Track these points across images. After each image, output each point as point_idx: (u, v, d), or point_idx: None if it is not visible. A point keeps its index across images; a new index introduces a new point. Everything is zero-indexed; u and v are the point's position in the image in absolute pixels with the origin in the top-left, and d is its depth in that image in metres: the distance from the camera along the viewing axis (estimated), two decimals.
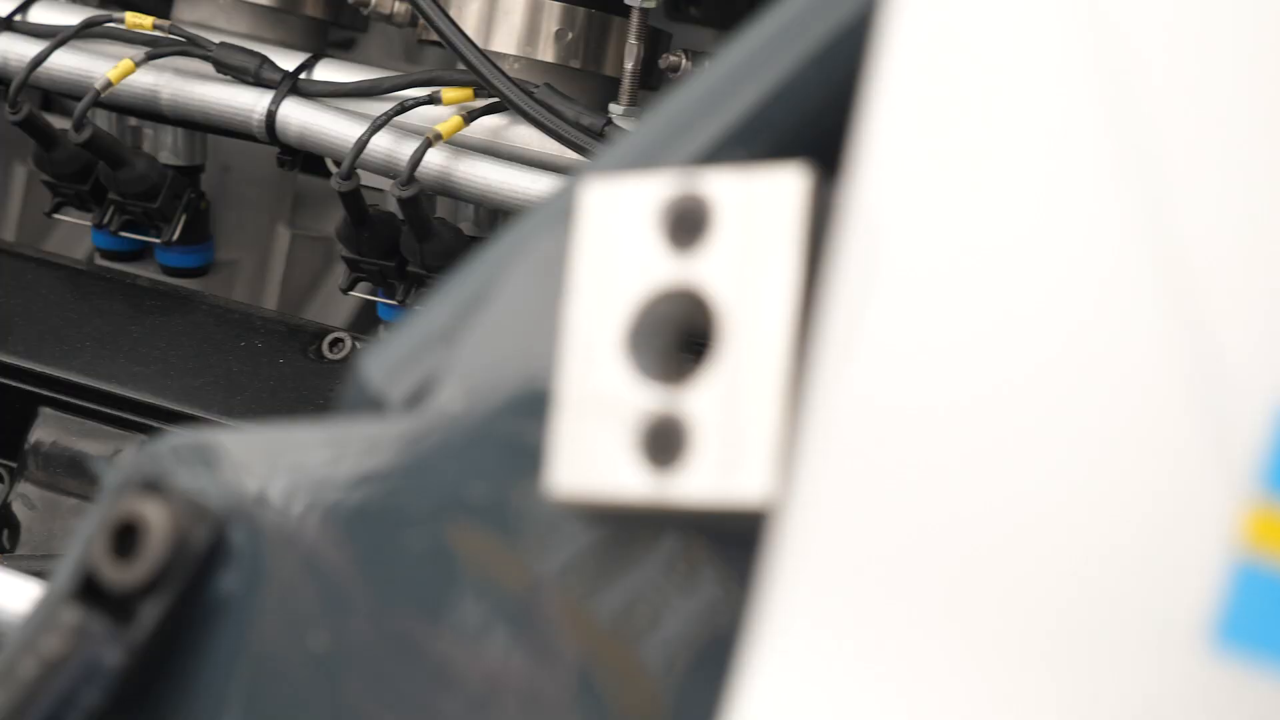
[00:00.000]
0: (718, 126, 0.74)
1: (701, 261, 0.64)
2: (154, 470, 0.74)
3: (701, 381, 0.63)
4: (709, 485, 0.62)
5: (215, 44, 1.46)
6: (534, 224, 0.74)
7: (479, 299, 0.73)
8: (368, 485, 0.72)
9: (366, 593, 0.71)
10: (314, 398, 1.33)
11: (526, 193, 1.36)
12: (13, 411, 1.38)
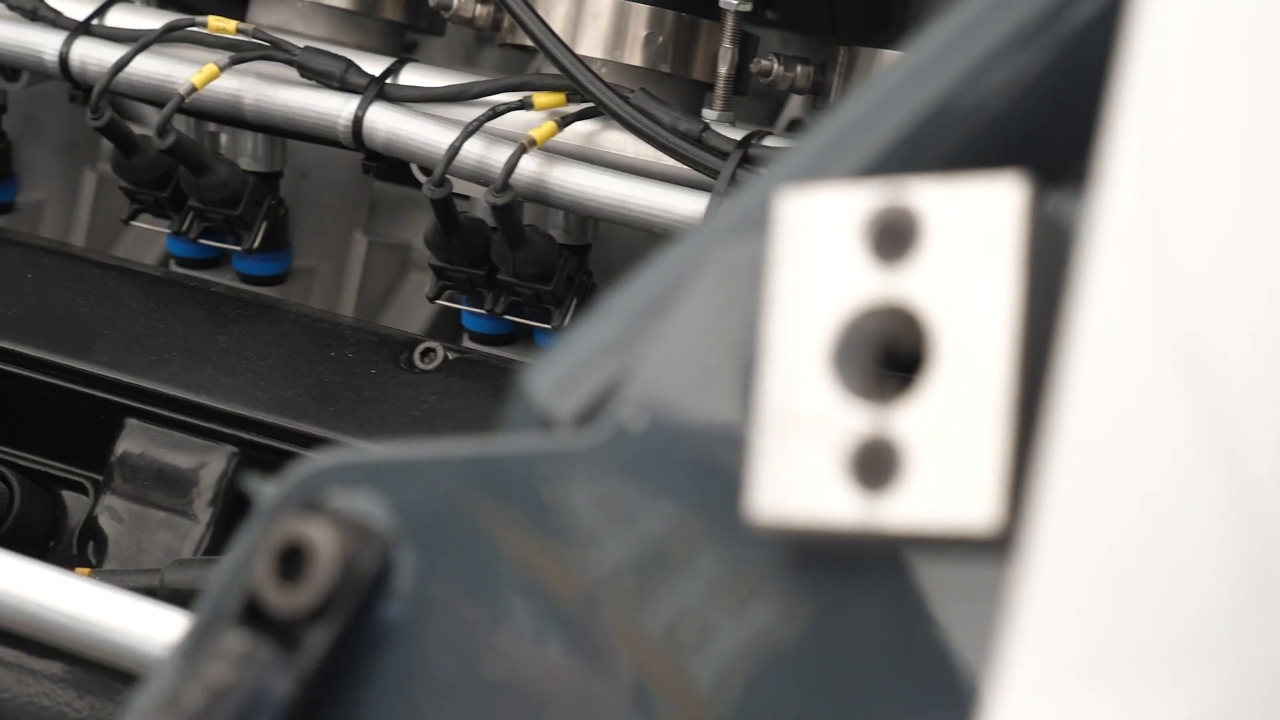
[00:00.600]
0: (893, 133, 0.71)
1: (910, 276, 0.61)
2: (314, 490, 0.71)
3: (914, 401, 0.60)
4: (926, 509, 0.59)
5: (300, 48, 1.43)
6: (715, 232, 0.71)
7: (656, 311, 0.70)
8: (540, 506, 0.69)
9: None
10: (408, 409, 1.30)
11: (623, 200, 1.33)
12: (97, 423, 1.36)
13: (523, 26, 1.36)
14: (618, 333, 0.72)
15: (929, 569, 0.61)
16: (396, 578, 0.70)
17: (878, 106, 0.72)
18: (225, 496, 1.31)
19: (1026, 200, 0.60)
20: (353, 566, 0.68)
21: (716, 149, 1.32)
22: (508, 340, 1.46)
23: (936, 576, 0.62)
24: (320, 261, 1.60)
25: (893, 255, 0.62)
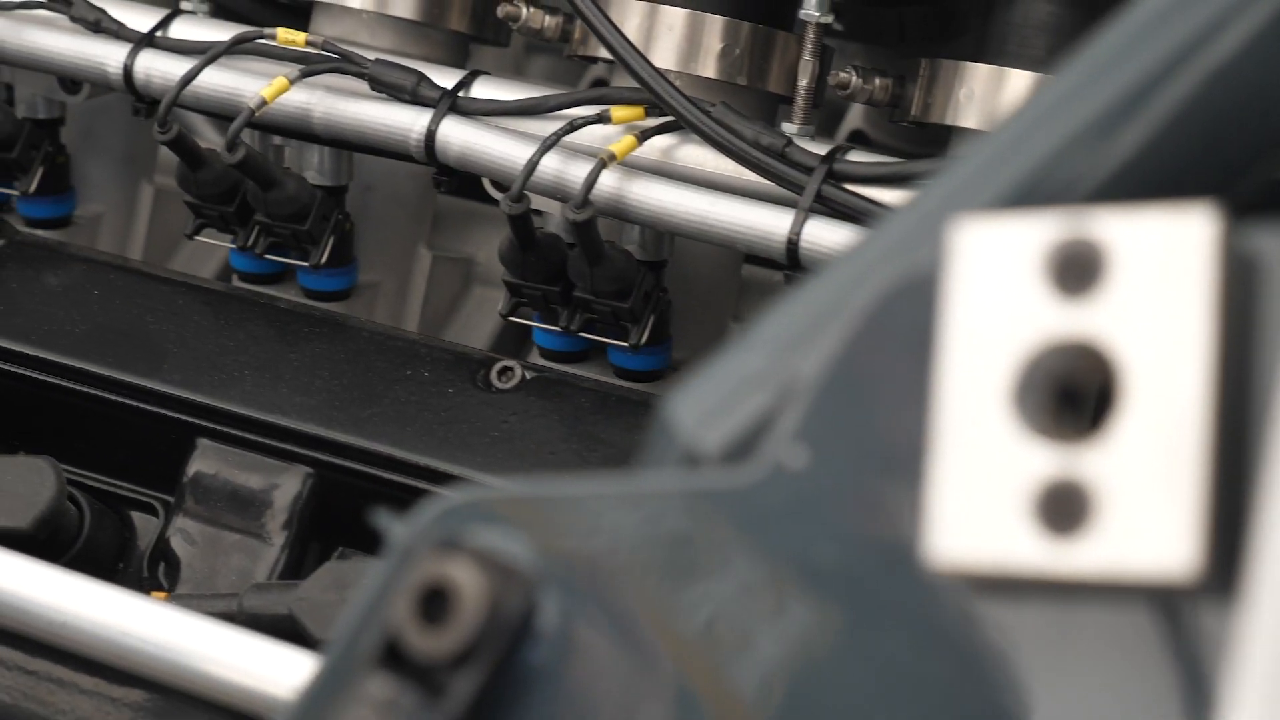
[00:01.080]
0: (1051, 160, 0.69)
1: (1096, 311, 0.59)
2: (452, 528, 0.69)
3: (1104, 441, 0.58)
4: (1119, 556, 0.57)
5: (371, 61, 1.41)
6: (872, 260, 0.69)
7: (811, 342, 0.68)
8: (688, 546, 0.67)
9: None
10: (488, 429, 1.27)
11: (704, 216, 1.30)
12: (168, 443, 1.33)
13: (601, 39, 1.33)
14: (766, 363, 0.69)
15: (1116, 615, 0.59)
16: (541, 620, 0.67)
17: (1035, 131, 0.70)
18: (300, 518, 1.29)
19: (1219, 232, 0.58)
20: (498, 609, 0.66)
21: (800, 164, 1.30)
22: (580, 358, 1.44)
23: (1123, 624, 0.59)
24: (384, 276, 1.57)
25: (1076, 289, 0.59)
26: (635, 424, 1.27)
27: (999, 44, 1.35)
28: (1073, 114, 0.70)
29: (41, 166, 1.55)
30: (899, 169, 1.28)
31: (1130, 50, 0.70)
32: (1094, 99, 0.70)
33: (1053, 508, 0.58)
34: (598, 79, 2.04)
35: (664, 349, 1.41)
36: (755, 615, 0.66)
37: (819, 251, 1.27)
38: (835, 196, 1.28)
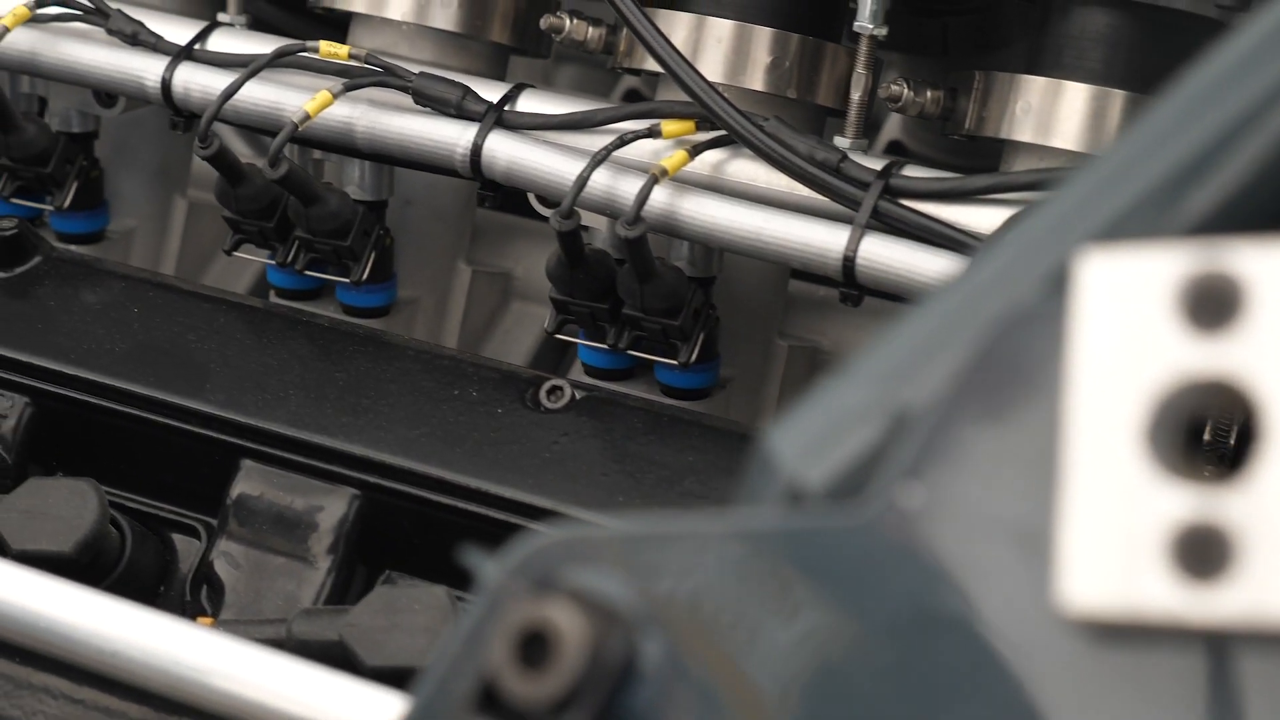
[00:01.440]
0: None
1: (1235, 348, 0.57)
2: (549, 567, 0.67)
3: (1247, 483, 0.55)
4: (1265, 602, 0.54)
5: (415, 74, 1.38)
6: (976, 288, 0.67)
7: (919, 372, 0.65)
8: (800, 588, 0.65)
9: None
10: (539, 450, 1.25)
11: (758, 232, 1.28)
12: (211, 464, 1.31)
13: (651, 52, 1.31)
14: (871, 396, 0.67)
15: (1256, 663, 0.57)
16: (642, 663, 0.65)
17: (1146, 157, 0.68)
18: (346, 541, 1.26)
19: None
20: (600, 653, 0.64)
21: (856, 179, 1.27)
22: (625, 375, 1.41)
23: (1264, 671, 0.57)
24: (424, 292, 1.55)
25: (1212, 324, 0.57)
26: (688, 445, 1.24)
27: (1054, 56, 1.33)
28: (1184, 139, 0.68)
29: (76, 181, 1.53)
30: (957, 184, 1.26)
31: (1246, 71, 0.68)
32: (1206, 124, 0.68)
33: (1190, 552, 0.56)
34: (630, 90, 2.02)
35: (712, 366, 1.38)
36: (858, 660, 0.64)
37: (876, 269, 1.25)
38: (892, 212, 1.26)
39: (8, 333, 1.37)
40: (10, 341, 1.37)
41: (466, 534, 1.25)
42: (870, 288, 1.27)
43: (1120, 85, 1.30)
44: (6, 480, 1.34)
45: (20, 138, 1.49)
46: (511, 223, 1.64)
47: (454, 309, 1.57)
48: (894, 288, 1.25)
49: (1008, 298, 0.64)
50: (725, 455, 1.23)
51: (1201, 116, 0.68)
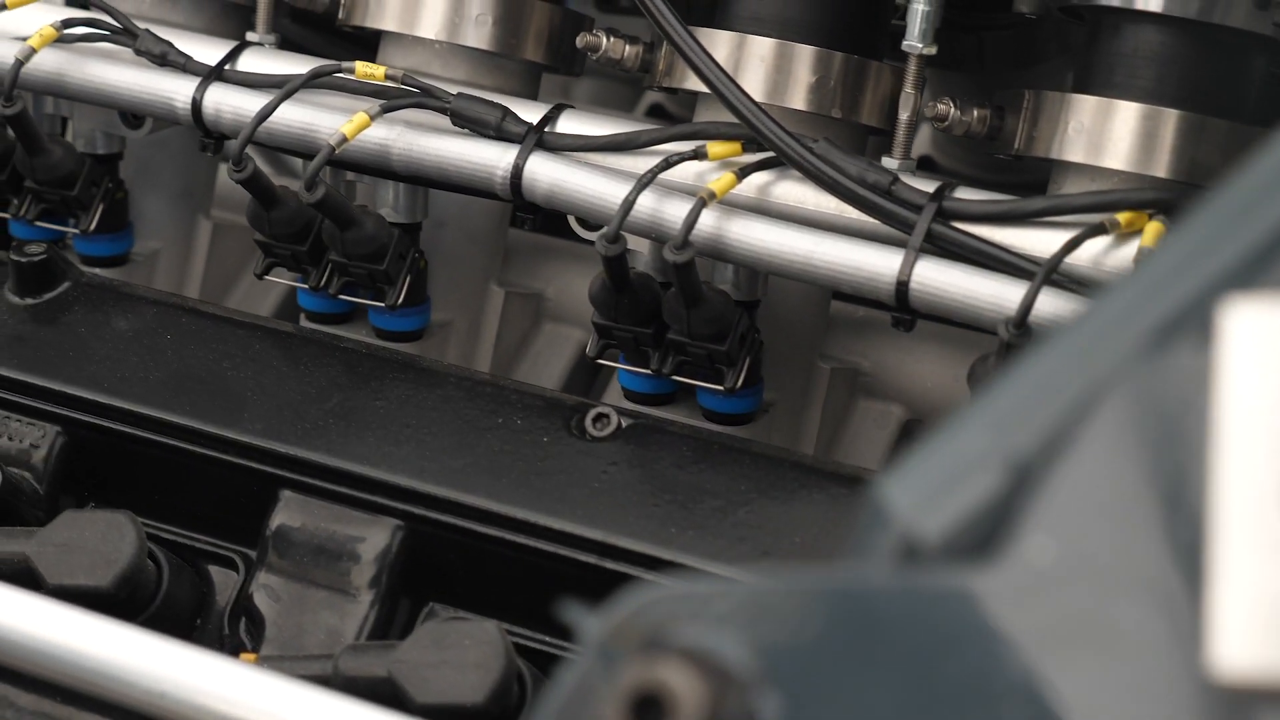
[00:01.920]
0: None
1: None
2: (659, 625, 0.64)
3: None
4: None
5: (453, 95, 1.36)
6: (1101, 331, 0.64)
7: (1041, 422, 0.63)
8: (927, 650, 0.62)
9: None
10: (587, 480, 1.22)
11: (808, 257, 1.25)
12: (249, 494, 1.28)
13: (697, 72, 1.28)
14: (991, 444, 0.64)
15: None
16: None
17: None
18: (389, 573, 1.24)
19: None
20: (717, 716, 0.61)
21: (908, 201, 1.25)
22: (667, 400, 1.39)
23: None
24: (456, 315, 1.52)
25: None
26: (740, 473, 1.22)
27: (1105, 74, 1.30)
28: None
29: (101, 204, 1.50)
30: (1012, 207, 1.24)
31: None
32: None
33: None
34: (654, 104, 1.99)
35: (756, 391, 1.36)
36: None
37: (930, 293, 1.22)
38: (946, 235, 1.23)
39: (38, 360, 1.35)
40: (41, 369, 1.34)
41: (514, 566, 1.22)
42: (923, 312, 1.24)
43: (1173, 104, 1.28)
44: (38, 511, 1.32)
45: (46, 160, 1.46)
46: (542, 242, 1.62)
47: (487, 331, 1.55)
48: (948, 312, 1.23)
49: (1135, 342, 0.62)
50: (778, 484, 1.21)
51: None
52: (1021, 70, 1.65)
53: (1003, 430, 0.64)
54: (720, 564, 1.17)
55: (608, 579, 1.19)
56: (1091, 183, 1.29)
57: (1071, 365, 0.64)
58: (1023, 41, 1.63)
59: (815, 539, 1.17)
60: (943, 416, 1.48)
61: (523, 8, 1.45)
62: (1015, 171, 1.74)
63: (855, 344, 1.51)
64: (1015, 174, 1.76)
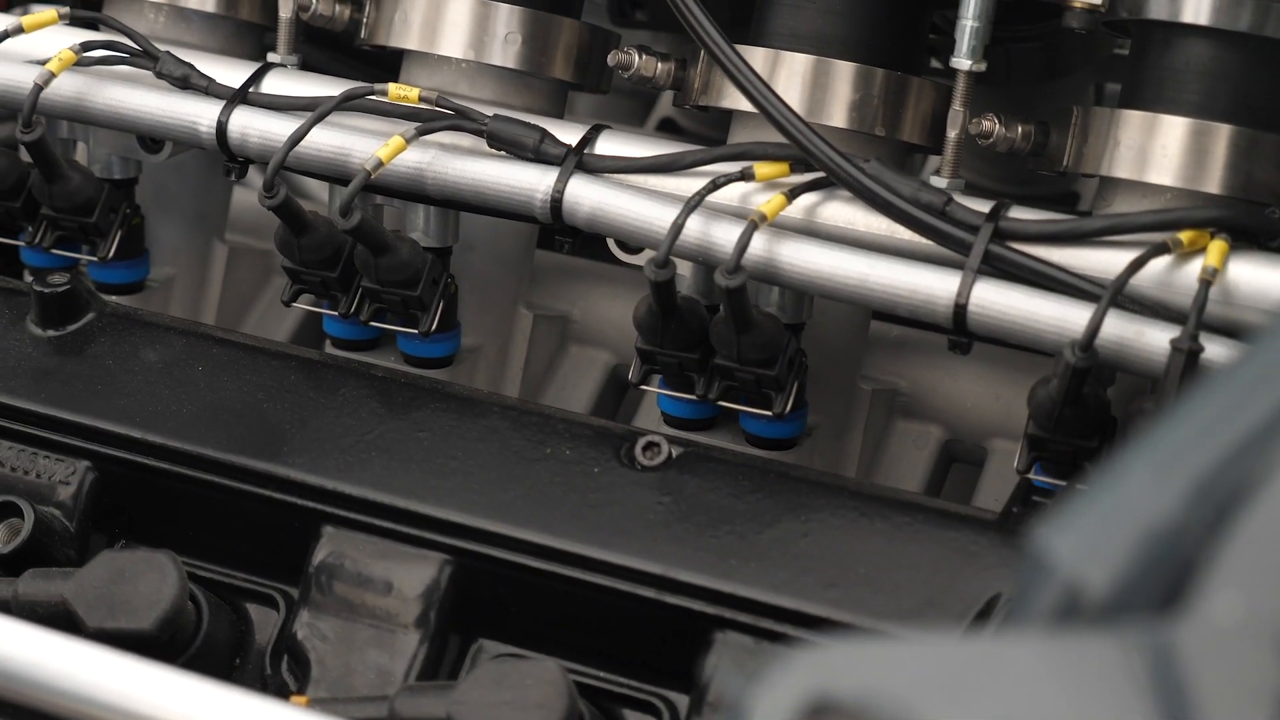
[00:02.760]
0: None
1: None
2: (821, 690, 0.61)
3: None
4: None
5: (489, 116, 1.33)
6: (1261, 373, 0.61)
7: (1240, 470, 0.60)
8: (1093, 700, 0.59)
9: None
10: (642, 512, 1.19)
11: (863, 279, 1.22)
12: (289, 530, 1.24)
13: (745, 91, 1.26)
14: (1164, 490, 0.62)
15: None
16: None
17: None
18: (439, 610, 1.20)
19: None
20: None
21: (963, 222, 1.22)
22: (708, 425, 1.36)
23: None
24: (486, 339, 1.49)
25: None
26: (798, 502, 1.19)
27: (1155, 90, 1.28)
28: None
29: (120, 230, 1.46)
30: (1072, 226, 1.21)
31: None
32: None
33: None
34: (665, 119, 1.97)
35: (801, 415, 1.33)
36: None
37: (989, 315, 1.20)
38: (1004, 256, 1.21)
39: (66, 394, 1.31)
40: (69, 403, 1.30)
41: (568, 601, 1.19)
42: (980, 335, 1.22)
43: (1225, 119, 1.26)
44: (69, 550, 1.28)
45: (65, 187, 1.42)
46: (565, 263, 1.59)
47: (515, 355, 1.52)
48: (1007, 335, 1.20)
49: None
50: (838, 513, 1.18)
51: None
52: (1046, 83, 1.63)
53: (1175, 476, 0.62)
54: (786, 596, 1.14)
55: (668, 614, 1.16)
56: (1143, 199, 1.27)
57: (1255, 407, 0.62)
58: (1049, 55, 1.61)
59: (881, 570, 1.15)
60: (985, 436, 1.47)
61: (550, 25, 1.42)
62: (1032, 183, 1.73)
63: (892, 364, 1.49)
64: (1039, 186, 1.74)
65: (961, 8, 1.28)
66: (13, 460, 1.30)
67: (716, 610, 1.15)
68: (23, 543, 1.24)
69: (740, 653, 1.14)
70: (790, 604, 1.14)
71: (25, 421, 1.30)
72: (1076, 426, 1.19)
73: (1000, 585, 1.13)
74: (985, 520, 1.17)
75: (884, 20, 1.35)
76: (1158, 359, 1.15)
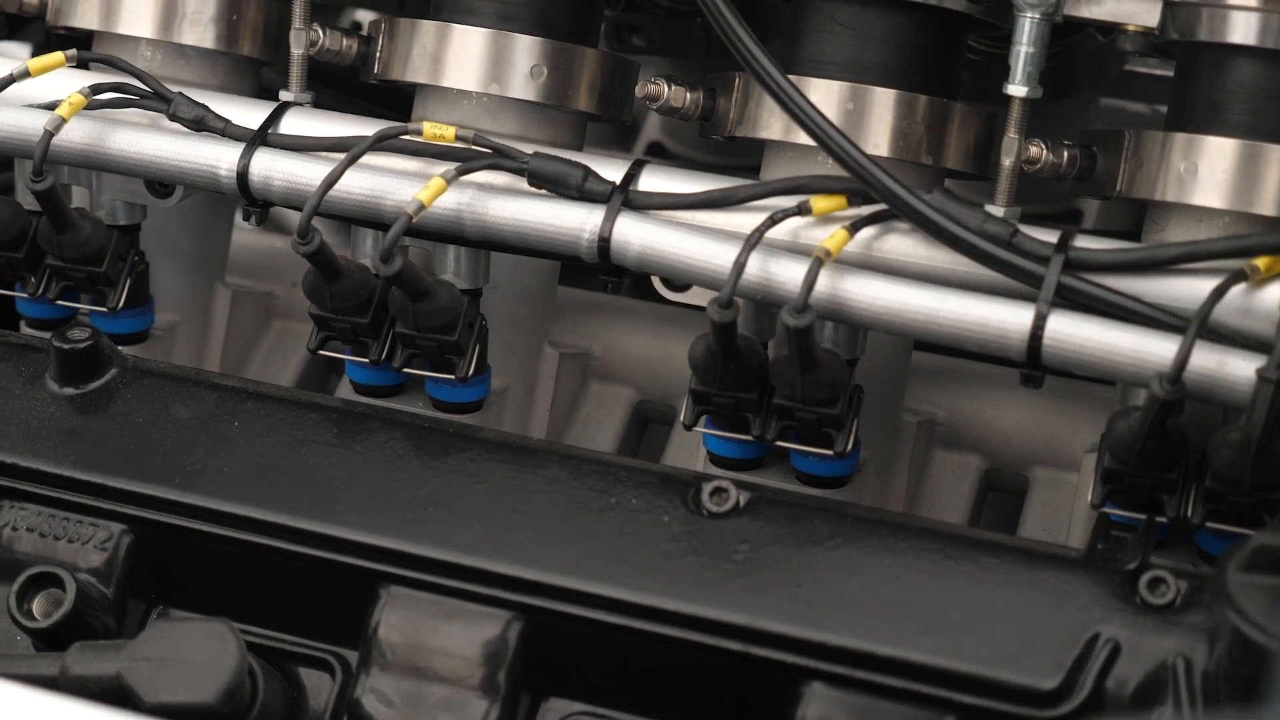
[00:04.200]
0: None
1: None
2: None
3: None
4: None
5: (529, 154, 1.28)
6: None
7: None
8: None
9: None
10: (720, 562, 1.15)
11: (931, 314, 1.19)
12: (344, 591, 1.19)
13: (803, 124, 1.22)
14: None
15: None
16: None
17: None
18: (509, 670, 1.16)
19: None
20: None
21: (1032, 253, 1.20)
22: (757, 464, 1.33)
23: None
24: (512, 380, 1.45)
25: None
26: (880, 545, 1.15)
27: (1206, 112, 1.26)
28: None
29: (129, 278, 1.40)
30: (1146, 255, 1.19)
31: None
32: None
33: None
34: (653, 143, 1.93)
35: (855, 452, 1.30)
36: None
37: (1064, 348, 1.17)
38: (1077, 287, 1.18)
39: (97, 455, 1.25)
40: (102, 465, 1.24)
41: (647, 657, 1.15)
42: (1053, 368, 1.19)
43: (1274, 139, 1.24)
44: (108, 618, 1.22)
45: (76, 236, 1.36)
46: (582, 298, 1.55)
47: (542, 395, 1.48)
48: (1083, 368, 1.18)
49: None
50: (921, 555, 1.15)
51: None
52: (1054, 102, 1.61)
53: None
54: (881, 644, 1.11)
55: (755, 667, 1.12)
56: (1199, 223, 1.25)
57: None
58: (1059, 74, 1.59)
59: (974, 614, 1.12)
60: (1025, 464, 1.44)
61: (573, 56, 1.38)
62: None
63: (928, 393, 1.46)
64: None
65: (1015, 32, 1.25)
66: (42, 525, 1.24)
67: (807, 661, 1.12)
68: (65, 615, 1.18)
69: (830, 704, 1.11)
70: (886, 652, 1.11)
71: (55, 485, 1.24)
72: (1158, 459, 1.17)
73: (1097, 625, 1.10)
74: (1072, 559, 1.15)
75: (924, 46, 1.32)
76: (1242, 389, 1.13)
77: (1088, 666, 1.09)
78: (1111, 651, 1.09)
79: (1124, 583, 1.12)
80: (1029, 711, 1.09)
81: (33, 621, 1.19)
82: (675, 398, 1.54)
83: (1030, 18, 1.25)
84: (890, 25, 1.31)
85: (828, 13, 1.32)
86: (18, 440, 1.26)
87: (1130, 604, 1.11)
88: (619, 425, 1.52)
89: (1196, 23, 1.26)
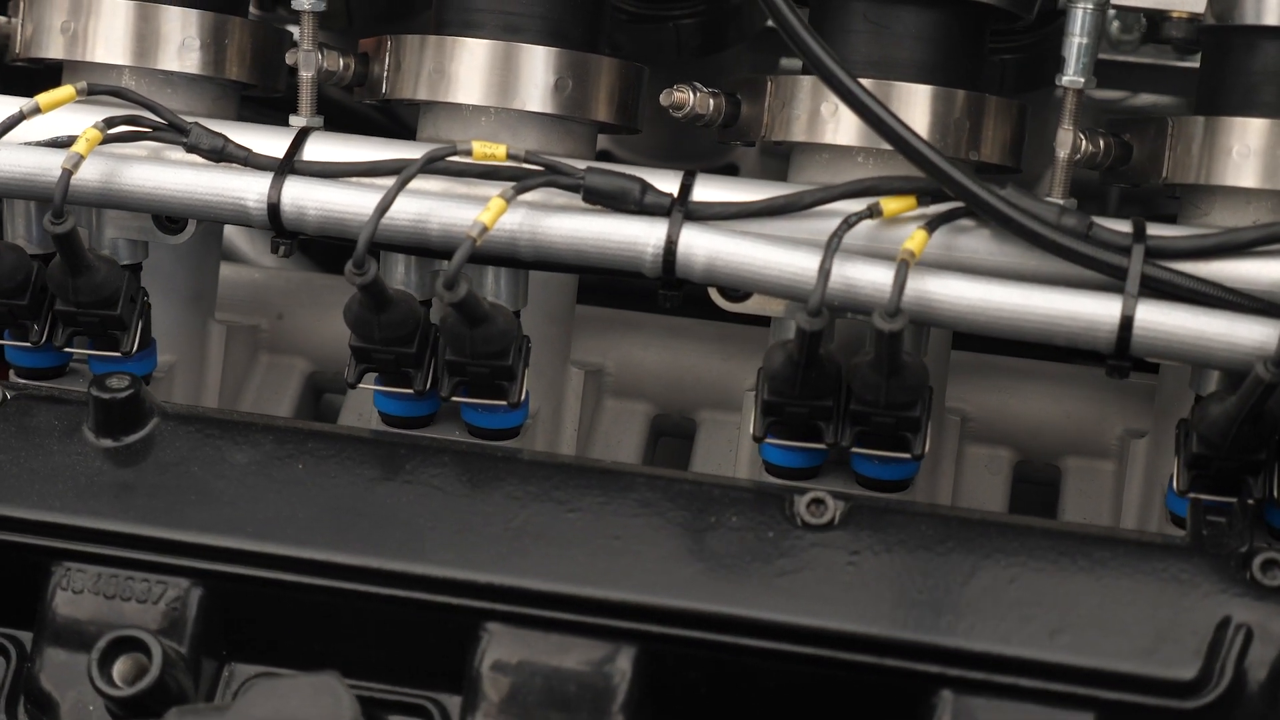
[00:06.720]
0: None
1: None
2: None
3: None
4: None
5: (582, 169, 1.25)
6: None
7: None
8: None
9: None
10: (834, 575, 1.13)
11: (1018, 311, 1.18)
12: (440, 633, 1.15)
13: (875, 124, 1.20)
14: None
15: None
16: None
17: None
18: (627, 702, 1.12)
19: None
20: None
21: (1110, 244, 1.20)
22: (813, 474, 1.30)
23: None
24: (541, 401, 1.41)
25: None
26: (992, 546, 1.14)
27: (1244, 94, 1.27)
28: None
29: (140, 321, 1.33)
30: (1224, 239, 1.20)
31: None
32: None
33: None
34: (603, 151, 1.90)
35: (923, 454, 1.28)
36: None
37: (1155, 337, 1.17)
38: (1160, 276, 1.18)
39: (156, 509, 1.18)
40: (163, 519, 1.18)
41: (770, 676, 1.13)
42: (1142, 357, 1.19)
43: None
44: (186, 679, 1.16)
45: (91, 280, 1.28)
46: (591, 314, 1.52)
47: (569, 415, 1.44)
48: (1174, 355, 1.18)
49: None
50: (1035, 554, 1.14)
51: None
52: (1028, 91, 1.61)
53: None
54: (1016, 646, 1.10)
55: (884, 679, 1.11)
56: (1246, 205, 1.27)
57: None
58: (1035, 63, 1.60)
59: (1102, 610, 1.11)
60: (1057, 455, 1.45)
61: (590, 66, 1.35)
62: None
63: (955, 389, 1.45)
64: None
65: (1069, 24, 1.25)
66: (104, 587, 1.18)
67: (942, 669, 1.10)
68: (153, 681, 1.12)
69: (967, 711, 1.10)
70: (1021, 654, 1.10)
71: (114, 544, 1.18)
72: (1251, 441, 1.18)
73: (1224, 610, 1.10)
74: (1183, 547, 1.15)
75: (958, 42, 1.31)
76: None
77: (1223, 653, 1.09)
78: (1246, 637, 1.09)
79: (1239, 567, 1.13)
80: (1172, 703, 1.08)
81: (116, 689, 1.12)
82: (691, 410, 1.51)
83: (1083, 8, 1.25)
84: (923, 21, 1.30)
85: (859, 11, 1.30)
86: (68, 499, 1.19)
87: (1250, 588, 1.12)
88: (640, 440, 1.49)
89: (1235, 7, 1.27)
